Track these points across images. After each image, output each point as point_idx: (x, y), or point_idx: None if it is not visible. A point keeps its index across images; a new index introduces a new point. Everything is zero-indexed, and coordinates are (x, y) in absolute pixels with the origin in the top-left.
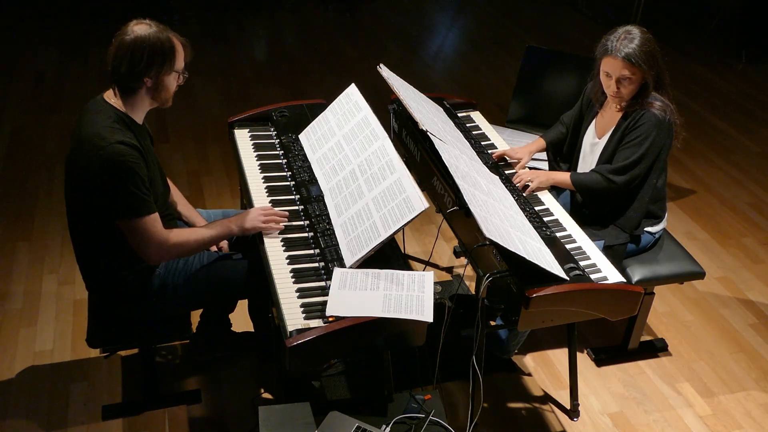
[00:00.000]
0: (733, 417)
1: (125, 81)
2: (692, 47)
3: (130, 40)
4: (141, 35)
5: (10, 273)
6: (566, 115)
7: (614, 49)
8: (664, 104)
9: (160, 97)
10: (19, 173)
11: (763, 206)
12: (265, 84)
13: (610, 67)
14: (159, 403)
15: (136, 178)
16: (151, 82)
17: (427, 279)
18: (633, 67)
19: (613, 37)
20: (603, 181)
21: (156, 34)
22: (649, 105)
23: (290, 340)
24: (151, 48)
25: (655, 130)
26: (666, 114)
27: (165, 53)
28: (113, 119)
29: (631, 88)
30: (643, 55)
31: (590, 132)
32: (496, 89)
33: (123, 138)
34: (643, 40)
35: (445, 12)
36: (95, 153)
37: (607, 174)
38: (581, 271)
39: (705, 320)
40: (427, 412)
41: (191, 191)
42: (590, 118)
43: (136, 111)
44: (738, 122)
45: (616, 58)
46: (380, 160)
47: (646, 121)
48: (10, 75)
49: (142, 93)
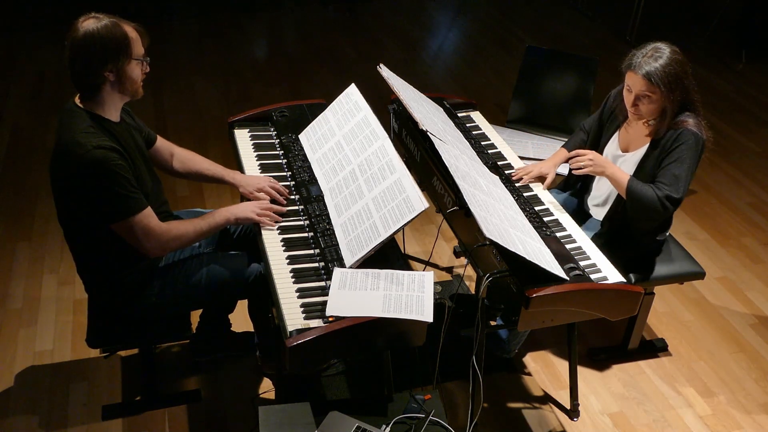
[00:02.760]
0: (733, 417)
1: (85, 80)
2: (692, 47)
3: (80, 37)
4: (90, 30)
5: (10, 273)
6: (587, 122)
7: (637, 65)
8: (697, 122)
9: (127, 89)
10: (19, 173)
11: (763, 206)
12: (265, 84)
13: (631, 82)
14: (159, 403)
15: (120, 179)
16: (113, 76)
17: (427, 279)
18: (652, 86)
19: (640, 52)
20: (657, 203)
21: (105, 25)
22: (683, 124)
23: (290, 340)
24: (102, 41)
25: (694, 150)
26: (701, 133)
27: (118, 44)
28: (88, 123)
29: (651, 107)
30: (665, 76)
31: (613, 143)
32: (496, 89)
33: (100, 142)
34: (669, 61)
35: (445, 12)
36: (75, 161)
37: (664, 200)
38: (581, 271)
39: (705, 320)
40: (427, 412)
41: (191, 191)
42: (613, 129)
43: (108, 109)
44: (738, 122)
45: (636, 74)
46: (380, 160)
47: (684, 140)
48: (10, 75)
49: (107, 89)
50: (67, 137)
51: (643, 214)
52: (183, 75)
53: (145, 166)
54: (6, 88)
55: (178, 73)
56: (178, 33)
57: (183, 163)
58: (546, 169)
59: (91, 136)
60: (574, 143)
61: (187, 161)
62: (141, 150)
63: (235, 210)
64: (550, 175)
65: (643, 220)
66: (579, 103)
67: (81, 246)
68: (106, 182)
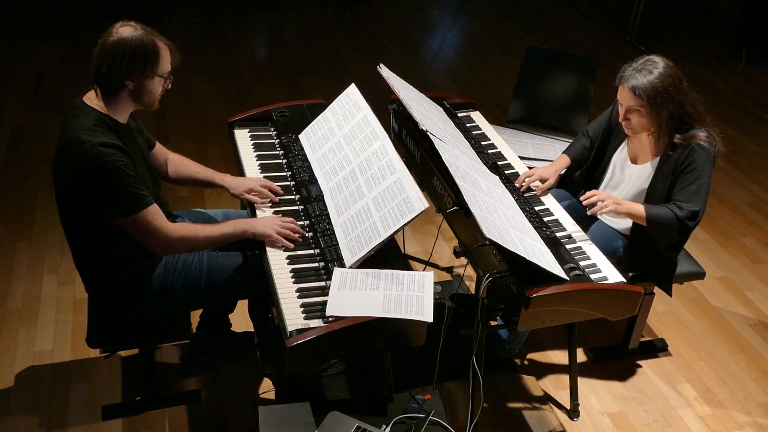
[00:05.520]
0: (733, 417)
1: (106, 82)
2: (692, 47)
3: (113, 41)
4: (124, 37)
5: (10, 273)
6: (591, 127)
7: (625, 78)
8: (707, 135)
9: (143, 101)
10: (19, 173)
11: (763, 206)
12: (265, 84)
13: (620, 95)
14: (159, 403)
15: (124, 175)
16: (133, 85)
17: (427, 279)
18: (639, 99)
19: (632, 65)
20: (677, 223)
21: (140, 36)
22: (693, 138)
23: (290, 340)
24: (133, 50)
25: (709, 165)
26: (712, 146)
27: (147, 56)
28: (94, 122)
29: (642, 121)
30: (651, 90)
31: (622, 152)
32: (496, 89)
33: (105, 139)
34: (660, 75)
35: (445, 12)
36: (78, 157)
37: (684, 219)
38: (581, 271)
39: (705, 320)
40: (427, 412)
41: (191, 192)
42: (623, 136)
43: (118, 112)
44: (738, 122)
45: (624, 87)
46: (380, 160)
47: (697, 157)
48: (10, 75)
49: (124, 95)
50: (72, 134)
51: (668, 235)
52: (183, 75)
53: (146, 169)
54: (6, 88)
55: (178, 73)
56: (178, 33)
57: (175, 168)
58: (546, 175)
59: (97, 134)
60: (576, 149)
61: (179, 166)
62: (143, 152)
63: (254, 223)
64: (549, 181)
65: (670, 240)
66: (579, 103)
67: (82, 245)
68: (111, 178)
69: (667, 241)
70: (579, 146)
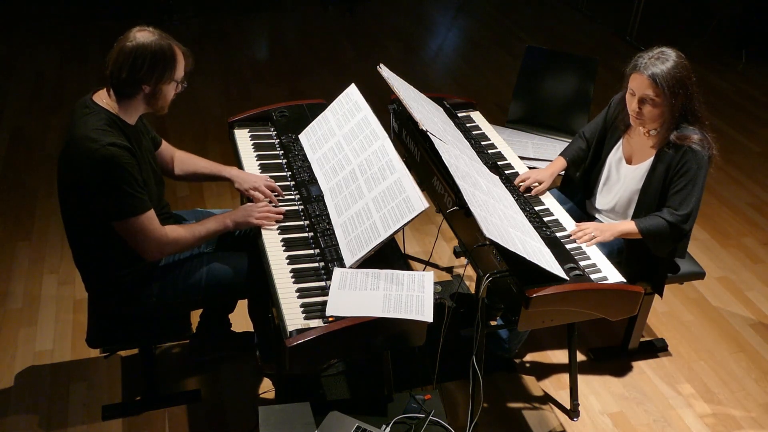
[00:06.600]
0: (733, 417)
1: (123, 87)
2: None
3: (132, 46)
4: (143, 42)
5: (10, 273)
6: (587, 129)
7: (642, 66)
8: (702, 137)
9: (156, 105)
10: (19, 173)
11: (763, 206)
12: (265, 84)
13: (635, 84)
14: (159, 403)
15: (129, 177)
16: (149, 90)
17: (427, 279)
18: (657, 88)
19: (647, 54)
20: (668, 228)
21: (158, 42)
22: (686, 140)
23: (290, 340)
24: (153, 56)
25: (703, 169)
26: (705, 149)
27: (166, 62)
28: (105, 121)
29: (654, 112)
30: (671, 79)
31: (617, 152)
32: (496, 89)
33: (114, 140)
34: (675, 65)
35: (445, 12)
36: (87, 155)
37: (677, 223)
38: (581, 271)
39: (705, 320)
40: (427, 412)
41: (191, 191)
42: (617, 137)
43: (129, 114)
44: (738, 122)
45: (642, 75)
46: (380, 160)
47: (690, 159)
48: (10, 75)
49: (139, 99)
50: (81, 133)
51: (665, 243)
52: None
53: (151, 170)
54: (6, 88)
55: None
56: (178, 33)
57: (182, 165)
58: (542, 177)
59: (106, 134)
60: (572, 151)
61: (185, 163)
62: (149, 153)
63: (233, 215)
64: (545, 184)
65: (668, 247)
66: (579, 103)
67: (82, 244)
68: (115, 179)
69: (667, 249)
70: (575, 148)
